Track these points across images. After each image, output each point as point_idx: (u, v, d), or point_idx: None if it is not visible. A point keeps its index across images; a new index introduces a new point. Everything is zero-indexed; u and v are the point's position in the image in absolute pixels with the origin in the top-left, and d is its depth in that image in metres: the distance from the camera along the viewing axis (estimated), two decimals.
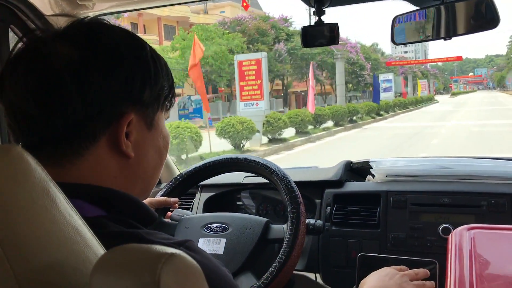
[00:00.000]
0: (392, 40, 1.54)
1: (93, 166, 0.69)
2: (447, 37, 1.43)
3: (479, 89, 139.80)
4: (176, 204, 1.45)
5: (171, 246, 0.62)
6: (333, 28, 1.52)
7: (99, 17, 1.32)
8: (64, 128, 0.67)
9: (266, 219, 1.33)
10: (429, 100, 54.62)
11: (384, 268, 1.14)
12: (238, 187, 1.80)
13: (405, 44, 1.55)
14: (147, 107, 0.73)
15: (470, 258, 0.89)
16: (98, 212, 0.68)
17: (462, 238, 0.97)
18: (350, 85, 42.55)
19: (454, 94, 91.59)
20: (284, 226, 1.29)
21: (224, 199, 1.82)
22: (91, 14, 1.54)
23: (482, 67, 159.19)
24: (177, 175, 1.48)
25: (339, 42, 1.54)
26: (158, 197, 1.42)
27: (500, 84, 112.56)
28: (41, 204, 0.51)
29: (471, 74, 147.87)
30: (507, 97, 59.22)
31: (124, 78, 0.69)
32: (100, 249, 0.56)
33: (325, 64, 34.14)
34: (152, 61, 0.73)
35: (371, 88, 46.51)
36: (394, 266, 1.17)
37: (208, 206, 1.77)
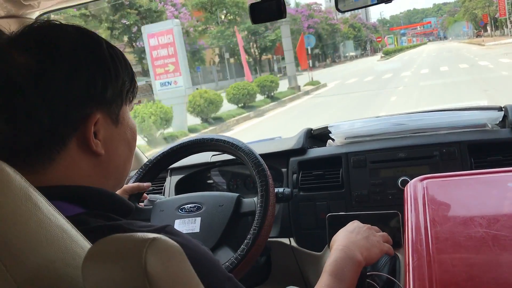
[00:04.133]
0: (337, 8, 1.59)
1: (66, 168, 0.72)
2: (388, 0, 1.50)
3: (429, 40, 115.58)
4: (150, 188, 1.48)
5: (152, 232, 0.67)
6: (280, 2, 1.56)
7: (48, 18, 1.31)
8: (32, 138, 0.68)
9: (237, 194, 1.38)
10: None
11: (350, 223, 1.19)
12: (207, 166, 1.85)
13: (349, 10, 1.61)
14: (111, 104, 0.75)
15: (423, 206, 0.98)
16: (77, 210, 0.70)
17: (416, 188, 1.05)
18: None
19: (387, 54, 53.80)
20: (255, 198, 1.35)
21: (195, 179, 1.87)
22: (37, 13, 1.52)
23: (431, 16, 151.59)
24: (146, 161, 1.51)
25: None
26: (130, 184, 1.44)
27: (455, 32, 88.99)
28: (25, 209, 0.55)
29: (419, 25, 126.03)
30: (479, 50, 31.83)
31: (85, 82, 0.70)
32: (85, 242, 0.60)
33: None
34: (110, 58, 0.75)
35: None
36: (359, 222, 1.24)
37: (180, 188, 1.81)
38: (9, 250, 0.51)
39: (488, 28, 57.71)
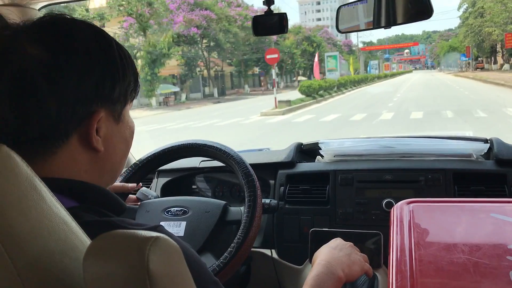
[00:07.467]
0: (337, 28, 1.64)
1: (65, 162, 0.73)
2: (387, 26, 1.54)
3: (415, 68, 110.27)
4: (136, 187, 1.48)
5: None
6: (282, 18, 1.59)
7: (51, 11, 1.31)
8: (37, 131, 0.69)
9: (224, 202, 1.40)
10: None
11: (333, 240, 1.21)
12: (195, 171, 1.86)
13: (349, 32, 1.65)
14: (116, 103, 0.77)
15: (409, 229, 1.00)
16: (72, 204, 0.71)
17: (402, 211, 1.08)
18: None
19: (308, 96, 22.62)
20: (242, 208, 1.36)
21: (181, 183, 1.88)
22: (40, 4, 1.52)
23: (420, 43, 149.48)
24: (136, 161, 1.52)
25: None
26: (116, 183, 1.42)
27: (447, 61, 72.60)
28: (30, 198, 0.56)
29: (406, 50, 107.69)
30: None
31: (96, 81, 0.73)
32: (84, 236, 0.61)
33: None
34: (119, 59, 0.77)
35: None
36: (341, 239, 1.26)
37: (166, 191, 1.81)
38: (13, 238, 0.52)
39: (498, 58, 39.97)
